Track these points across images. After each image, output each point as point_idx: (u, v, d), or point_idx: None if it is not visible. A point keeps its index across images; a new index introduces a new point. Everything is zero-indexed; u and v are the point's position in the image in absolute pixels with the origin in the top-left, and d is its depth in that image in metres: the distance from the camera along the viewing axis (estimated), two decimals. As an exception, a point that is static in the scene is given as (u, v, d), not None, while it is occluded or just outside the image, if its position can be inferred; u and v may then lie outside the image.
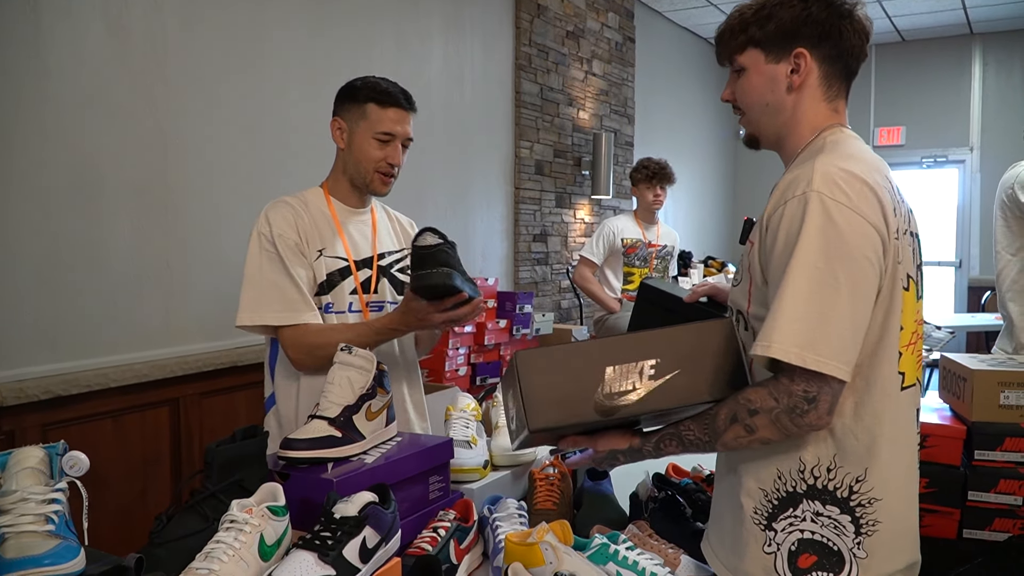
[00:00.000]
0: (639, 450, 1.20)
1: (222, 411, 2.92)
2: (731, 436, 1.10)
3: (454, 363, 3.86)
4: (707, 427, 1.12)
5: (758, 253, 1.14)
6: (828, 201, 1.06)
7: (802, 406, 1.05)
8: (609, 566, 1.28)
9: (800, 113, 1.21)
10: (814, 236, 1.05)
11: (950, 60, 7.42)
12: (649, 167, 3.92)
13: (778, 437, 1.09)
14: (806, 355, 1.03)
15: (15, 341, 2.42)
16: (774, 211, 1.11)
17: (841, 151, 1.15)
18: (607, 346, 1.16)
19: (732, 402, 1.10)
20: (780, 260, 1.08)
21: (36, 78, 2.45)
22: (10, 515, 1.06)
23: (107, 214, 2.65)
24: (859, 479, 1.12)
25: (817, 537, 1.13)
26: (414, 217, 2.06)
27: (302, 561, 1.10)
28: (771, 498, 1.16)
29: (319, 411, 1.46)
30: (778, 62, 1.20)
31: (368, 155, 1.76)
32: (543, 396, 1.13)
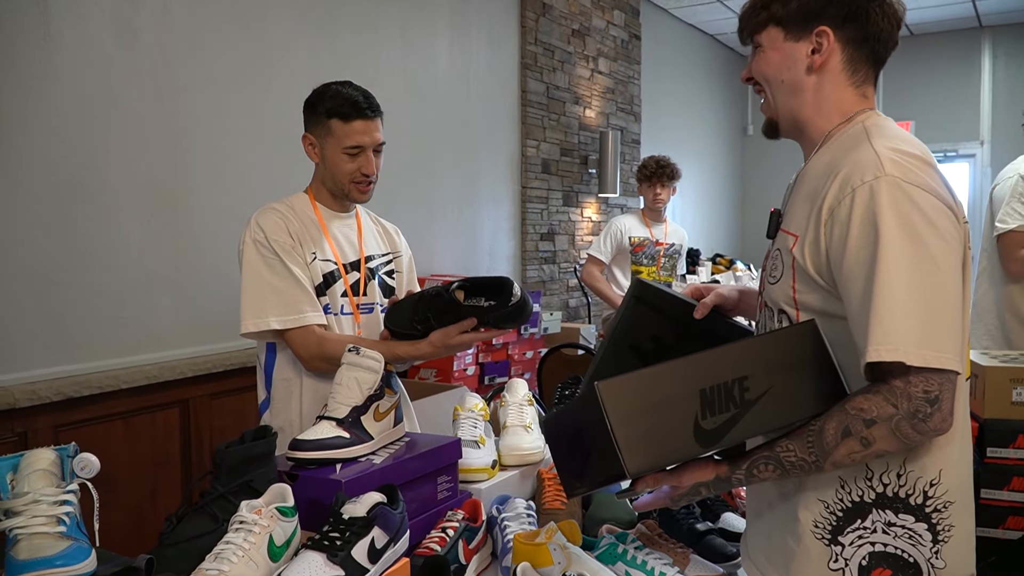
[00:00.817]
0: (727, 479, 1.07)
1: (232, 412, 2.93)
2: (843, 452, 0.98)
3: (462, 363, 3.86)
4: (812, 445, 1.00)
5: (813, 246, 1.05)
6: (906, 185, 0.99)
7: (925, 409, 0.95)
8: (618, 566, 1.28)
9: (823, 96, 1.14)
10: (901, 223, 0.97)
11: (959, 53, 7.38)
12: (648, 166, 3.91)
13: (897, 448, 0.98)
14: (926, 353, 0.94)
15: (27, 343, 2.44)
16: (838, 200, 1.02)
17: (892, 134, 1.08)
18: (692, 366, 1.02)
19: (840, 414, 0.98)
20: (860, 252, 0.98)
21: (45, 81, 2.46)
22: (22, 517, 1.07)
23: (116, 216, 2.66)
24: (933, 483, 1.04)
25: (891, 549, 1.04)
26: (421, 216, 2.07)
27: (311, 562, 1.11)
28: (834, 510, 1.07)
29: (327, 412, 1.46)
30: (798, 40, 1.14)
31: (341, 169, 1.76)
32: (637, 433, 0.98)
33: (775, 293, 1.13)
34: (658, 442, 0.99)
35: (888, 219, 0.97)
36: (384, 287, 1.89)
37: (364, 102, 1.74)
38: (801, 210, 1.10)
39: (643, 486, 1.11)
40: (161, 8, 2.78)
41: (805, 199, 1.10)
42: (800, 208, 1.11)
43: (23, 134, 2.42)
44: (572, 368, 3.54)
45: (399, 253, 1.97)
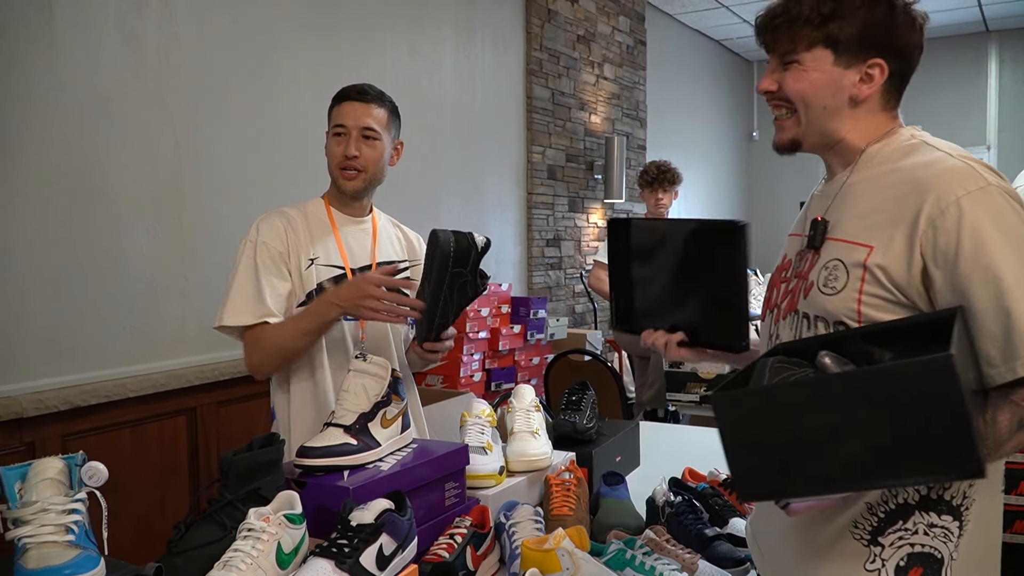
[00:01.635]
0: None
1: (239, 420, 2.94)
2: (1014, 444, 0.97)
3: (468, 369, 3.86)
4: (987, 436, 0.96)
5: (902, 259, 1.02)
6: (1011, 193, 1.00)
7: None
8: (626, 572, 1.27)
9: (857, 119, 1.14)
10: (1016, 232, 0.97)
11: (966, 58, 7.36)
12: (649, 172, 3.92)
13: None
14: None
15: (34, 352, 2.44)
16: (940, 211, 0.99)
17: (953, 147, 1.09)
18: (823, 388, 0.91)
19: (1011, 406, 0.97)
20: (976, 262, 0.97)
21: (51, 89, 2.48)
22: (31, 526, 1.07)
23: (123, 225, 2.67)
24: (971, 483, 1.04)
25: (926, 549, 1.04)
26: (427, 222, 2.06)
27: (319, 569, 1.11)
28: (876, 511, 1.06)
29: (334, 419, 1.47)
30: (847, 68, 1.10)
31: (330, 152, 1.78)
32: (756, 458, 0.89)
33: (832, 304, 1.08)
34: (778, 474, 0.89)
35: (1004, 228, 0.97)
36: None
37: (358, 87, 1.78)
38: (869, 222, 1.07)
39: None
40: (166, 16, 2.79)
41: (873, 211, 1.07)
42: (866, 220, 1.08)
43: (29, 143, 2.44)
44: (579, 374, 3.54)
45: (417, 261, 1.95)
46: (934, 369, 0.81)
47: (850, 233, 1.09)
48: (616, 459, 1.94)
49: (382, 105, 1.80)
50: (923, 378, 0.83)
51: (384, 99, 1.81)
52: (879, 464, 0.87)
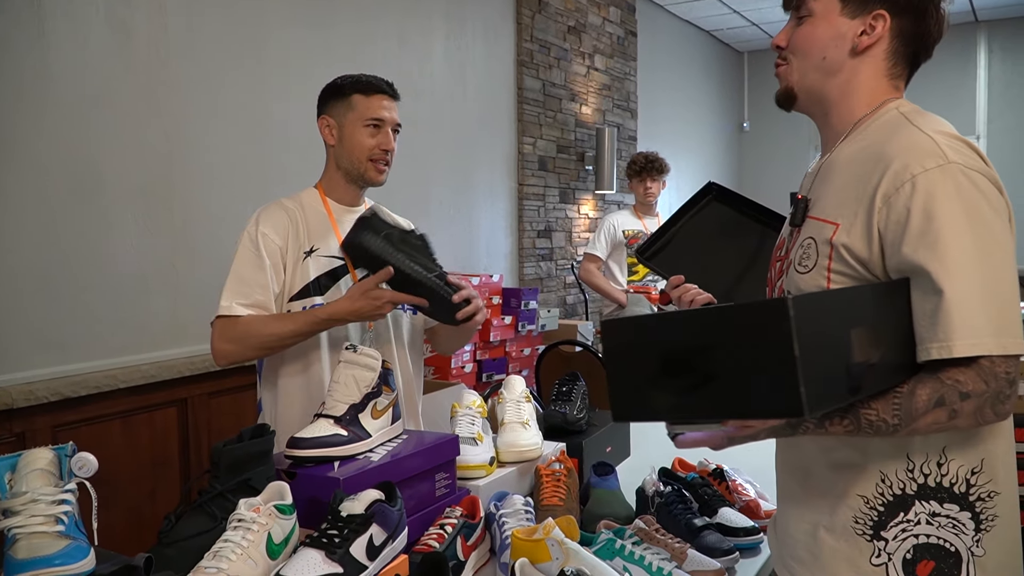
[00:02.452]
0: (796, 426, 1.01)
1: (230, 411, 2.94)
2: (929, 421, 0.96)
3: (460, 360, 3.86)
4: (899, 408, 0.96)
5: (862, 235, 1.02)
6: (970, 173, 0.98)
7: (1006, 391, 0.95)
8: (616, 561, 1.28)
9: (857, 82, 1.12)
10: (968, 212, 0.96)
11: (955, 48, 7.38)
12: (637, 162, 3.97)
13: (969, 427, 0.98)
14: (1005, 341, 0.94)
15: (24, 344, 2.43)
16: (895, 188, 0.99)
17: (933, 118, 1.08)
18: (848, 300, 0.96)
19: (934, 382, 0.95)
20: (922, 240, 0.96)
21: (40, 81, 2.46)
22: (21, 516, 1.07)
23: (112, 216, 2.66)
24: (975, 471, 1.02)
25: (933, 540, 1.02)
26: (417, 213, 2.07)
27: (310, 559, 1.11)
28: (874, 504, 1.05)
29: (325, 410, 1.47)
30: (853, 18, 1.11)
31: (361, 144, 1.76)
32: (817, 365, 0.85)
33: (805, 283, 1.09)
34: (828, 381, 0.88)
35: (956, 208, 0.96)
36: None
37: (386, 83, 1.80)
38: (840, 198, 1.07)
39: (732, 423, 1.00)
40: (156, 7, 2.77)
41: (844, 187, 1.07)
42: (838, 196, 1.07)
43: (19, 135, 2.42)
44: (570, 365, 3.55)
45: None
46: (772, 310, 0.85)
47: (823, 210, 1.09)
48: (606, 449, 1.95)
49: (399, 99, 1.83)
50: (762, 318, 0.86)
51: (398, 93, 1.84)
52: (720, 396, 0.91)
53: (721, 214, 1.61)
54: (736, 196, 1.62)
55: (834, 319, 0.91)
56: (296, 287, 1.74)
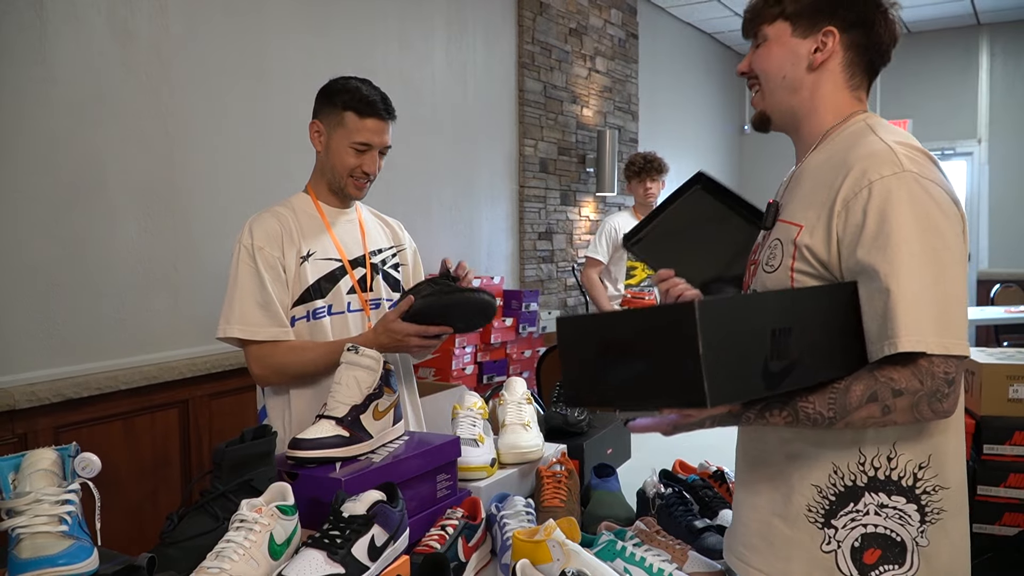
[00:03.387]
0: (738, 416, 1.08)
1: (231, 412, 2.94)
2: (862, 415, 1.01)
3: (460, 362, 3.87)
4: (834, 402, 1.02)
5: (823, 236, 1.08)
6: (924, 181, 1.04)
7: (943, 389, 1.00)
8: (617, 563, 1.28)
9: (820, 96, 1.18)
10: (920, 217, 1.01)
11: (957, 51, 7.39)
12: (636, 163, 3.92)
13: (907, 422, 1.03)
14: (947, 341, 0.99)
15: (26, 345, 2.44)
16: (854, 192, 1.05)
17: (895, 130, 1.13)
18: (768, 303, 1.03)
19: (869, 378, 1.02)
20: (875, 243, 1.02)
21: (42, 83, 2.47)
22: (24, 516, 1.07)
23: (114, 217, 2.67)
24: (922, 465, 1.08)
25: (880, 530, 1.08)
26: (418, 215, 2.07)
27: (312, 560, 1.11)
28: (827, 494, 1.10)
29: (326, 411, 1.47)
30: (804, 37, 1.18)
31: (343, 162, 1.76)
32: (723, 362, 0.93)
33: (771, 281, 1.16)
34: (737, 376, 0.96)
35: (907, 214, 1.02)
36: (390, 281, 1.89)
37: (382, 103, 1.76)
38: (806, 202, 1.13)
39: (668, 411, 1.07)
40: (158, 9, 2.78)
41: (810, 192, 1.13)
42: (804, 200, 1.14)
43: (21, 136, 2.42)
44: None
45: (403, 246, 1.96)
46: (682, 312, 0.94)
47: (791, 214, 1.15)
48: (607, 451, 1.96)
49: (395, 118, 1.81)
50: (675, 318, 0.95)
51: (394, 109, 1.81)
52: (642, 388, 1.02)
53: (707, 204, 1.64)
54: (723, 188, 1.64)
55: (750, 320, 0.99)
56: (297, 293, 1.74)
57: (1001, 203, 7.18)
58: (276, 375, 1.74)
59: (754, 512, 1.18)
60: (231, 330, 1.70)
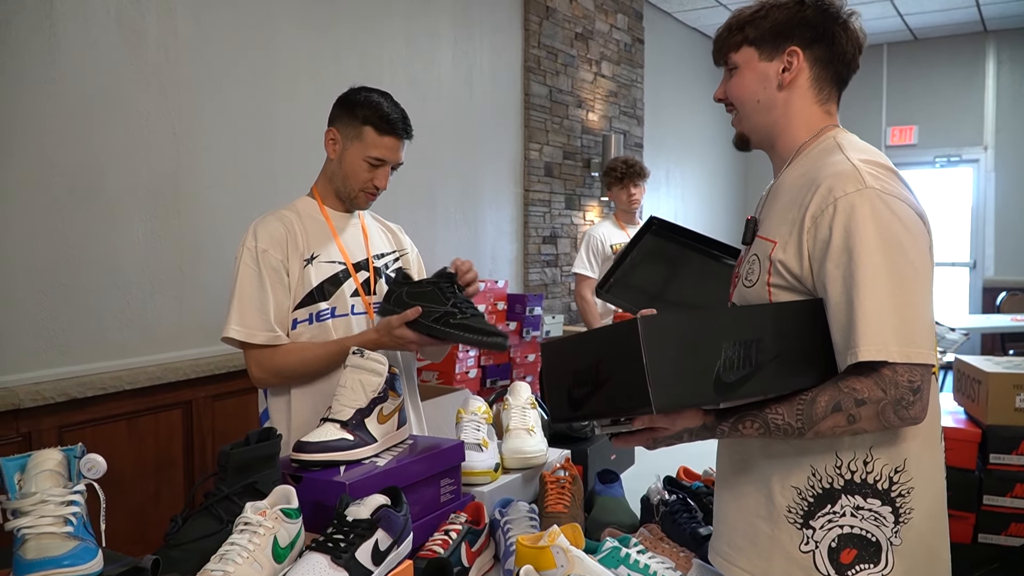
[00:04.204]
0: (712, 429, 1.14)
1: (234, 414, 2.94)
2: (829, 425, 1.07)
3: (464, 366, 3.87)
4: (801, 413, 1.08)
5: (795, 251, 1.14)
6: (887, 197, 1.08)
7: (908, 397, 1.04)
8: (620, 569, 1.28)
9: (792, 112, 1.24)
10: (882, 232, 1.06)
11: (963, 58, 7.38)
12: (617, 168, 3.74)
13: (875, 429, 1.07)
14: (909, 350, 1.03)
15: (31, 344, 2.44)
16: (821, 209, 1.10)
17: (861, 147, 1.18)
18: (722, 319, 1.11)
19: (833, 389, 1.07)
20: (842, 257, 1.07)
21: (50, 83, 2.47)
22: (30, 516, 1.07)
23: (120, 218, 2.67)
24: (898, 469, 1.12)
25: (856, 531, 1.12)
26: (423, 218, 2.07)
27: (315, 563, 1.11)
28: (806, 496, 1.15)
29: (331, 414, 1.47)
30: (771, 60, 1.24)
31: (357, 175, 1.78)
32: (667, 372, 1.02)
33: (750, 295, 1.21)
34: (683, 384, 1.04)
35: (870, 228, 1.06)
36: None
37: (402, 123, 1.78)
38: (780, 218, 1.18)
39: (638, 424, 1.15)
40: (166, 10, 2.79)
41: (784, 208, 1.18)
42: (778, 216, 1.19)
43: (28, 135, 2.43)
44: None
45: (405, 250, 1.97)
46: (629, 329, 1.03)
47: (767, 230, 1.21)
48: (611, 457, 1.95)
49: (411, 137, 1.84)
50: (625, 335, 1.04)
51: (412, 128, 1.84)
52: (604, 399, 1.11)
53: (664, 247, 1.73)
54: (678, 228, 1.72)
55: (699, 334, 1.06)
56: (300, 295, 1.75)
57: (1007, 210, 7.17)
58: (275, 377, 1.75)
59: (739, 513, 1.23)
60: (231, 331, 1.71)
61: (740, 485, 1.23)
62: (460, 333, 1.61)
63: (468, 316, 1.63)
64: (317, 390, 1.76)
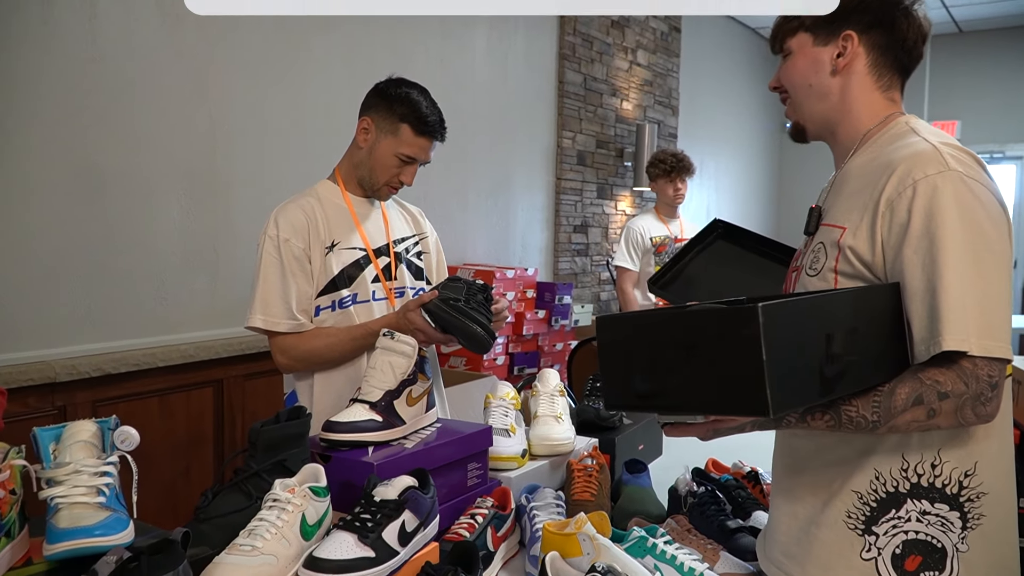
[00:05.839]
0: (779, 420, 1.05)
1: (264, 393, 2.97)
2: (907, 419, 1.00)
3: (492, 352, 3.87)
4: (878, 406, 1.00)
5: (867, 237, 1.07)
6: (969, 181, 1.03)
7: (987, 393, 0.98)
8: (647, 559, 1.27)
9: (851, 99, 1.18)
10: (965, 217, 1.00)
11: (1010, 52, 7.19)
12: (666, 161, 3.68)
13: (950, 426, 1.02)
14: (988, 343, 0.98)
15: (68, 320, 2.49)
16: (897, 192, 1.04)
17: (939, 133, 1.12)
18: (824, 306, 0.99)
19: (914, 381, 1.00)
20: (922, 243, 1.01)
21: (91, 64, 2.50)
22: (63, 486, 1.09)
23: (157, 198, 2.71)
24: (968, 473, 1.06)
25: (922, 536, 1.06)
26: (455, 205, 2.07)
27: (342, 542, 1.12)
28: (867, 500, 1.09)
29: (360, 395, 1.47)
30: (825, 44, 1.19)
31: (386, 169, 1.77)
32: (784, 370, 0.90)
33: (814, 285, 1.15)
34: (797, 384, 0.93)
35: (952, 213, 1.00)
36: (413, 269, 1.89)
37: (439, 126, 1.79)
38: (849, 204, 1.12)
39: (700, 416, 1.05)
40: (206, -8, 2.81)
41: (854, 194, 1.12)
42: (847, 203, 1.13)
43: (67, 115, 2.47)
44: (602, 361, 3.52)
45: (425, 234, 1.97)
46: (743, 316, 0.89)
47: (834, 217, 1.15)
48: (639, 447, 1.94)
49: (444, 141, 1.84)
50: (735, 322, 0.90)
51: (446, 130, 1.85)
52: (697, 391, 0.97)
53: (727, 250, 1.69)
54: (742, 231, 1.69)
55: (808, 323, 0.95)
56: (322, 283, 1.76)
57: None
58: (300, 363, 1.77)
59: (793, 520, 1.17)
60: (254, 320, 1.73)
61: (795, 489, 1.17)
62: (453, 315, 1.61)
63: (471, 308, 1.64)
64: (341, 373, 1.77)
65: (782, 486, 1.22)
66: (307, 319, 1.76)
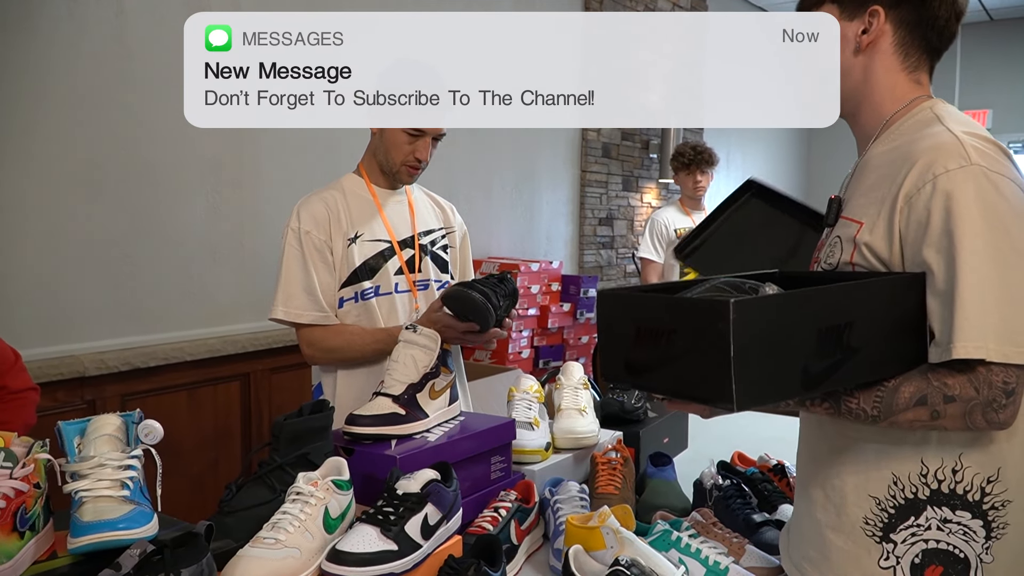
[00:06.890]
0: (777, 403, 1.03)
1: (290, 387, 2.99)
2: (909, 417, 0.97)
3: (517, 345, 3.86)
4: (880, 401, 0.98)
5: (884, 233, 1.03)
6: (993, 176, 0.97)
7: (1001, 400, 0.94)
8: (671, 553, 1.26)
9: (874, 79, 1.13)
10: (988, 214, 0.95)
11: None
12: (686, 154, 3.67)
13: (957, 429, 0.98)
14: (1007, 349, 0.93)
15: (97, 314, 2.52)
16: (917, 188, 0.99)
17: (965, 121, 1.06)
18: (814, 300, 0.97)
19: (920, 380, 0.97)
20: (940, 242, 0.97)
21: (118, 59, 2.53)
22: (88, 480, 1.10)
23: (183, 192, 2.73)
24: (991, 479, 1.01)
25: (943, 546, 1.02)
26: (480, 197, 2.06)
27: (365, 535, 1.11)
28: (886, 507, 1.05)
29: (383, 388, 1.47)
30: (851, 19, 1.13)
31: (398, 148, 1.75)
32: (755, 367, 0.90)
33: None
34: (770, 380, 0.92)
35: (974, 210, 0.95)
36: (438, 262, 1.88)
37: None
38: (867, 197, 1.08)
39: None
40: (229, -13, 2.82)
41: (872, 186, 1.08)
42: (865, 195, 1.08)
43: (96, 109, 2.49)
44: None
45: (452, 228, 1.95)
46: (715, 310, 0.90)
47: (852, 210, 1.10)
48: (664, 440, 1.92)
49: None
50: (710, 315, 0.90)
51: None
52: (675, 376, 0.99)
53: (760, 211, 1.61)
54: (775, 193, 1.61)
55: (796, 317, 0.94)
56: (344, 274, 1.76)
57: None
58: (325, 355, 1.78)
59: (811, 523, 1.14)
60: (277, 312, 1.74)
61: (811, 491, 1.14)
62: (465, 290, 1.60)
63: (488, 286, 1.63)
64: (364, 368, 1.78)
65: (800, 485, 1.20)
66: (332, 311, 1.76)
